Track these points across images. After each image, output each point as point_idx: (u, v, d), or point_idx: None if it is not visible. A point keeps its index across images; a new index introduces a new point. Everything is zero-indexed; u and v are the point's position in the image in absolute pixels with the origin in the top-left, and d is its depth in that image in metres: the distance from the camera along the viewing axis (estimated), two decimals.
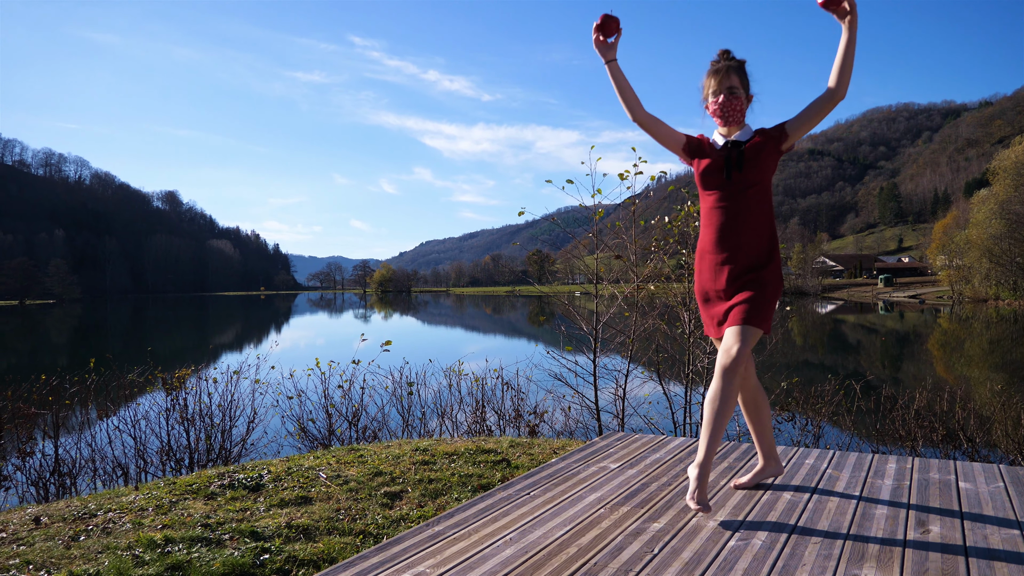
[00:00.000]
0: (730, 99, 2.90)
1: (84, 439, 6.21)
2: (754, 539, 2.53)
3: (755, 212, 2.88)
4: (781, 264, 3.00)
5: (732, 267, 2.88)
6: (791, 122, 2.92)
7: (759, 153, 2.87)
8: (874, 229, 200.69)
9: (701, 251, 3.02)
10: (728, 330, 2.81)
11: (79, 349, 30.09)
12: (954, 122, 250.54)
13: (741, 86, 2.93)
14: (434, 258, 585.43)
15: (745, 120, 2.98)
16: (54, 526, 3.36)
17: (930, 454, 6.36)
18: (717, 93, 2.93)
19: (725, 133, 2.97)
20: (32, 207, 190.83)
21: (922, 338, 30.68)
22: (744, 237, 2.87)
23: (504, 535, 2.62)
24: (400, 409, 7.36)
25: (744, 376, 3.00)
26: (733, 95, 2.91)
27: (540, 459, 4.57)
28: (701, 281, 3.02)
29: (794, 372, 7.69)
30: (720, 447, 4.00)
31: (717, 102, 2.92)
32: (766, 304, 2.81)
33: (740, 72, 2.94)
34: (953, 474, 3.36)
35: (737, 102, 2.91)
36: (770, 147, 2.90)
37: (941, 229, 77.82)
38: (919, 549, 2.41)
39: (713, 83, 2.94)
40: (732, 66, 2.94)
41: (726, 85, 2.91)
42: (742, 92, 2.93)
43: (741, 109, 2.93)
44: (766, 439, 3.16)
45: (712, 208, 2.95)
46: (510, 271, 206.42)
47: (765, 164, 2.88)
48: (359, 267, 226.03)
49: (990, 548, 2.41)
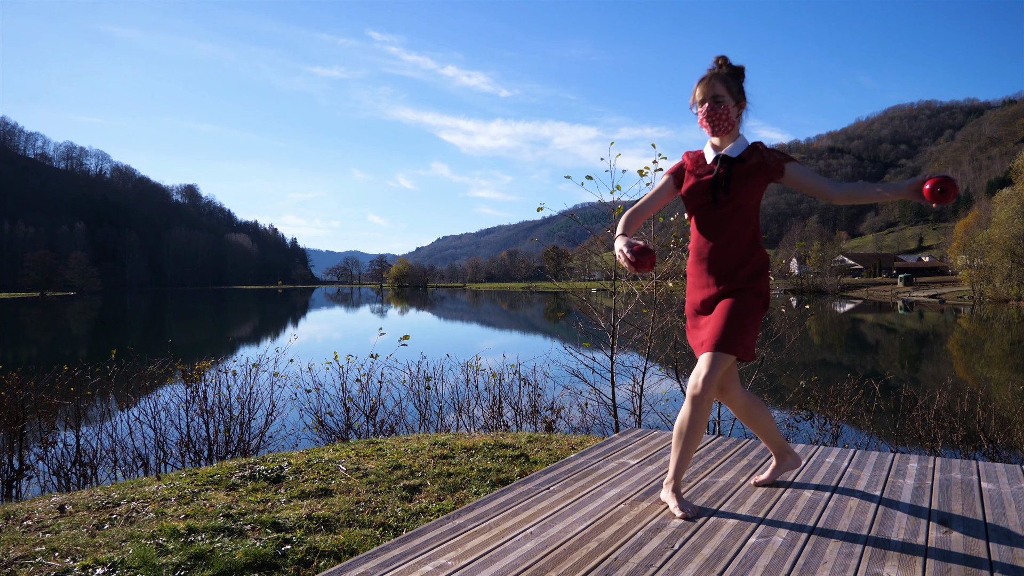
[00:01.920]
0: (715, 108, 2.84)
1: (105, 430, 6.27)
2: (775, 536, 2.52)
3: (741, 234, 2.84)
4: (769, 285, 2.94)
5: (711, 289, 2.86)
6: (793, 172, 2.84)
7: (749, 178, 2.83)
8: (894, 228, 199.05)
9: (688, 270, 3.01)
10: (701, 355, 2.77)
11: (99, 340, 30.40)
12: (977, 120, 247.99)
13: (728, 94, 2.86)
14: (451, 253, 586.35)
15: (739, 129, 2.93)
16: (78, 514, 3.40)
17: (950, 455, 6.31)
18: (702, 102, 2.88)
19: (717, 144, 2.92)
20: (54, 200, 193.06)
21: (942, 338, 30.42)
22: (726, 258, 2.84)
23: (525, 529, 2.63)
24: (417, 403, 7.39)
25: (729, 394, 2.95)
26: (717, 104, 2.84)
27: (558, 455, 4.58)
28: (688, 300, 3.01)
29: (812, 371, 7.64)
30: (740, 445, 3.99)
31: (703, 111, 2.87)
32: (742, 329, 2.74)
33: (729, 80, 2.87)
34: (975, 474, 3.34)
35: (723, 111, 2.84)
36: (762, 176, 2.84)
37: (962, 228, 76.96)
38: (941, 549, 2.40)
39: (698, 92, 2.89)
40: (718, 74, 2.88)
41: (710, 94, 2.85)
42: (729, 100, 2.86)
43: (727, 118, 2.86)
44: (773, 439, 3.15)
45: (697, 227, 2.93)
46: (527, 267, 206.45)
47: (753, 189, 2.83)
48: (376, 262, 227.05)
49: (1013, 549, 2.40)
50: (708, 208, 2.87)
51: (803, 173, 2.85)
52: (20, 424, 5.96)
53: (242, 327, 40.89)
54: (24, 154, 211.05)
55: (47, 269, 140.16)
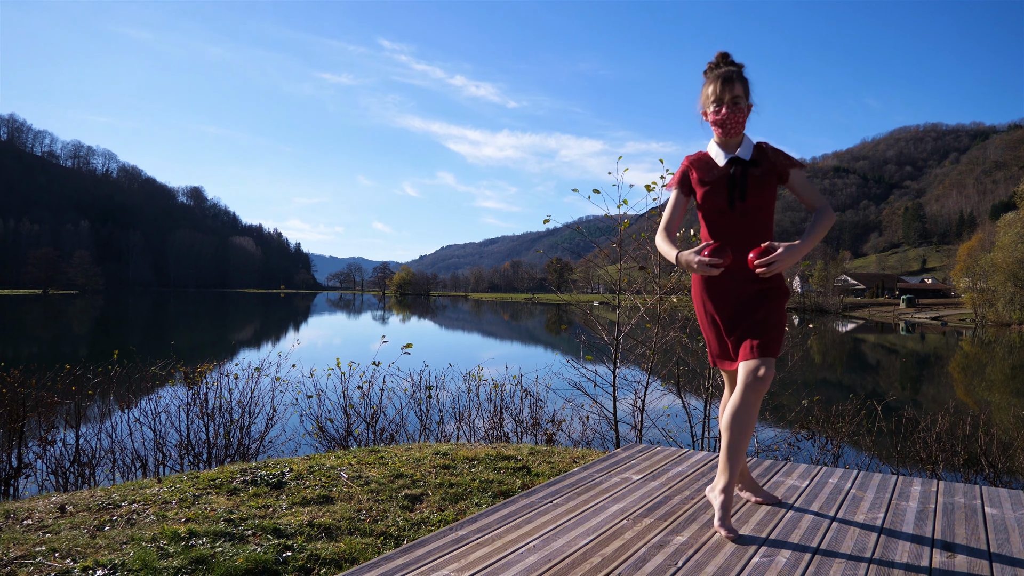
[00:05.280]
0: (734, 110, 2.73)
1: (104, 430, 6.26)
2: (778, 556, 2.51)
3: (761, 235, 2.77)
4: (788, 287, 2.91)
5: (737, 293, 2.78)
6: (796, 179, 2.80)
7: (762, 180, 2.76)
8: (897, 249, 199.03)
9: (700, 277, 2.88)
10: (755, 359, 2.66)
11: (100, 340, 30.39)
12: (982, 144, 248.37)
13: (745, 95, 2.75)
14: (454, 262, 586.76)
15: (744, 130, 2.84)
16: (79, 515, 3.39)
17: (951, 478, 6.28)
18: (720, 102, 2.74)
19: (724, 144, 2.82)
20: (59, 198, 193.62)
21: (943, 361, 30.35)
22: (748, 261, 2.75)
23: (528, 542, 2.62)
24: (418, 412, 7.37)
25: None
26: (737, 106, 2.73)
27: (560, 467, 4.57)
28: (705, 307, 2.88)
29: (813, 390, 7.63)
30: None
31: (720, 112, 2.74)
32: (781, 331, 2.73)
33: (743, 79, 2.76)
34: (979, 499, 3.32)
35: (741, 114, 2.74)
36: (772, 177, 2.78)
37: (966, 251, 76.92)
38: (946, 572, 2.39)
39: (716, 90, 2.74)
40: (736, 72, 2.74)
41: (731, 95, 2.72)
42: (745, 101, 2.75)
43: (744, 120, 2.77)
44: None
45: (713, 233, 2.83)
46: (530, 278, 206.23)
47: (768, 191, 2.77)
48: (379, 269, 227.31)
49: (1017, 574, 2.39)
50: (725, 213, 2.78)
51: (804, 183, 2.81)
52: (20, 422, 5.95)
53: (243, 330, 40.90)
54: (31, 152, 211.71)
55: (50, 267, 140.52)
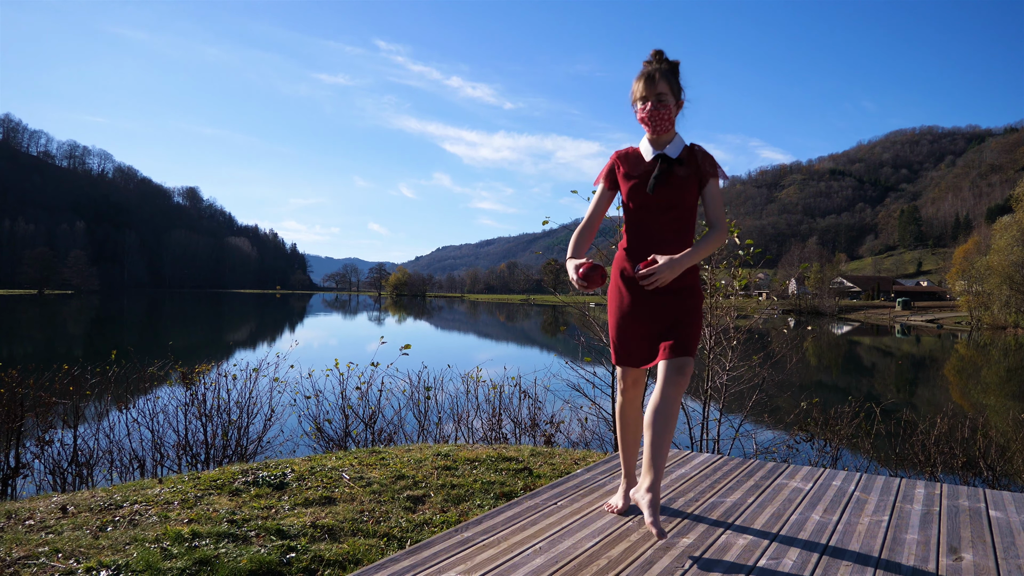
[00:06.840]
0: (658, 107, 2.74)
1: (102, 430, 6.24)
2: (785, 558, 2.51)
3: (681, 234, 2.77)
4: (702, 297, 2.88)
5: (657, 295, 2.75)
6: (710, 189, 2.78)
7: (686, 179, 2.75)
8: (893, 251, 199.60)
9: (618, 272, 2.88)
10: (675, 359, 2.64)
11: (96, 340, 30.33)
12: (978, 147, 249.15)
13: (671, 92, 2.75)
14: (450, 263, 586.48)
15: (675, 128, 2.84)
16: (81, 515, 3.38)
17: (949, 481, 6.29)
18: (645, 100, 2.75)
19: (654, 142, 2.83)
20: (55, 198, 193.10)
21: (939, 363, 30.42)
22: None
23: (533, 544, 2.61)
24: (416, 413, 7.36)
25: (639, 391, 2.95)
26: (661, 103, 2.74)
27: (562, 469, 4.56)
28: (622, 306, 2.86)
29: (810, 393, 7.63)
30: (745, 465, 3.97)
31: (645, 109, 2.76)
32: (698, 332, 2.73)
33: (671, 76, 2.76)
34: (983, 502, 3.32)
35: (666, 111, 2.74)
36: (694, 180, 2.77)
37: (961, 254, 77.07)
38: None
39: (640, 89, 2.76)
40: (662, 70, 2.75)
41: (655, 92, 2.73)
42: (671, 99, 2.76)
43: (670, 117, 2.77)
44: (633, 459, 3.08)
45: (634, 227, 2.83)
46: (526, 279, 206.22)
47: (689, 192, 2.75)
48: (375, 270, 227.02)
49: None
50: (647, 209, 2.78)
51: (716, 196, 2.79)
52: (18, 422, 5.93)
53: (240, 331, 40.85)
54: (27, 152, 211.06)
55: (46, 267, 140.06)
